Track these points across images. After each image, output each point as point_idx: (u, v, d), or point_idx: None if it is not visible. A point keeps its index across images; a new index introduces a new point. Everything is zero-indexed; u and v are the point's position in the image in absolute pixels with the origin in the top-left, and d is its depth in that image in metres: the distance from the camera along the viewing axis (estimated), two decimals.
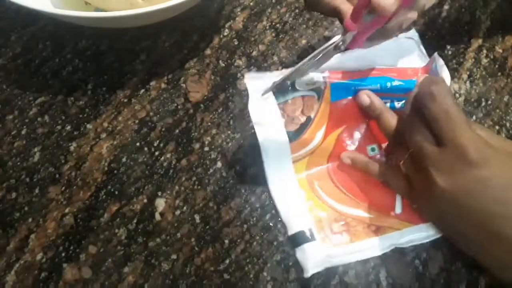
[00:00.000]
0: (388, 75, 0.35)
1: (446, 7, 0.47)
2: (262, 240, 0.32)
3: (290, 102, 0.34)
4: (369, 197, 0.33)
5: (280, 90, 0.34)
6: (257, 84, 0.33)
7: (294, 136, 0.34)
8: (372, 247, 0.31)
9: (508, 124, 0.38)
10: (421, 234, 0.31)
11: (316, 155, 0.34)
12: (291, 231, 0.32)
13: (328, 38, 0.44)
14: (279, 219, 0.33)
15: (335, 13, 0.31)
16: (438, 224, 0.30)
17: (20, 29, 0.43)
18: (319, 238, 0.31)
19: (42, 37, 0.42)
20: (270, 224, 0.33)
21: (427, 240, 0.31)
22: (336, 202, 0.33)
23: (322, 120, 0.34)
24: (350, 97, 0.34)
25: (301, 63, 0.30)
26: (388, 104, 0.34)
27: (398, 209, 0.32)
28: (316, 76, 0.34)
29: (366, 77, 0.34)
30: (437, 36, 0.44)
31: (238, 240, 0.32)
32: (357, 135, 0.35)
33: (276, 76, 0.34)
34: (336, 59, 0.33)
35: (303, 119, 0.34)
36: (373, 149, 0.35)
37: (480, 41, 0.44)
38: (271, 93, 0.34)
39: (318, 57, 0.31)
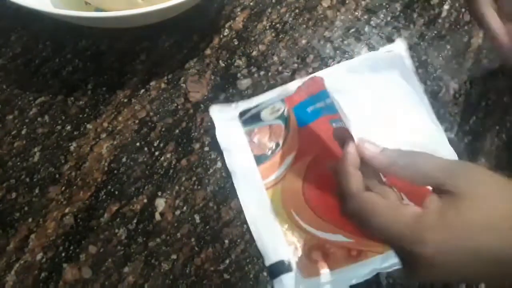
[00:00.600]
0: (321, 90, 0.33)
1: (446, 7, 0.47)
2: None
3: (256, 130, 0.35)
4: (347, 222, 0.31)
5: (246, 120, 0.35)
6: (222, 114, 0.36)
7: (262, 159, 0.34)
8: (353, 275, 0.30)
9: (508, 124, 0.38)
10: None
11: (289, 181, 0.33)
12: (268, 261, 0.31)
13: (328, 39, 0.44)
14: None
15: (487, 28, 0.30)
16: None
17: (20, 29, 0.43)
18: (296, 268, 0.30)
19: (42, 37, 0.42)
20: None
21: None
22: (314, 228, 0.32)
23: (291, 147, 0.34)
24: (316, 120, 0.34)
25: None
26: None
27: None
28: (277, 104, 0.36)
29: (311, 95, 0.33)
30: (437, 36, 0.44)
31: (238, 240, 0.32)
32: (326, 160, 0.33)
33: (240, 106, 0.36)
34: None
35: (270, 144, 0.35)
36: None
37: (480, 41, 0.44)
38: (238, 121, 0.36)
39: None
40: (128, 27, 0.41)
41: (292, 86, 0.37)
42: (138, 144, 0.36)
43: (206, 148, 0.36)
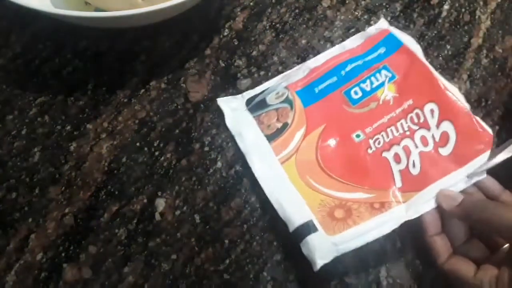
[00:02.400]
0: (340, 62, 0.37)
1: (446, 7, 0.47)
2: (262, 240, 0.32)
3: (264, 114, 0.36)
4: (365, 179, 0.32)
5: (253, 107, 0.37)
6: (229, 104, 0.38)
7: (272, 137, 0.35)
8: (379, 226, 0.30)
9: (508, 124, 0.38)
10: (427, 202, 0.30)
11: (302, 152, 0.34)
12: (292, 227, 0.30)
13: (328, 39, 0.44)
14: (279, 218, 0.33)
15: None
16: None
17: (20, 29, 0.43)
18: (321, 228, 0.30)
19: (42, 37, 0.42)
20: (270, 224, 0.33)
21: (434, 207, 0.30)
22: (333, 190, 0.32)
23: (300, 124, 0.35)
24: (320, 100, 0.36)
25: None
26: (358, 91, 0.36)
27: (398, 183, 0.32)
28: (280, 89, 0.37)
29: (322, 75, 0.37)
30: (437, 36, 0.44)
31: (238, 240, 0.32)
32: (339, 128, 0.35)
33: (246, 96, 0.38)
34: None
35: (279, 125, 0.35)
36: (357, 136, 0.34)
37: (480, 41, 0.44)
38: (245, 109, 0.37)
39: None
40: (128, 27, 0.41)
41: (293, 73, 0.38)
42: (138, 144, 0.36)
43: (206, 148, 0.36)
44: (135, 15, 0.33)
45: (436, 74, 0.36)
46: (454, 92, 0.34)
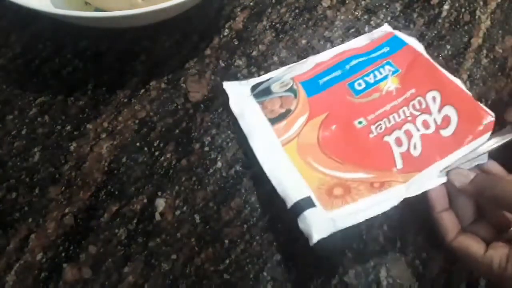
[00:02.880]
0: (344, 58, 0.38)
1: (446, 7, 0.47)
2: (262, 240, 0.32)
3: (268, 101, 0.37)
4: (366, 161, 0.32)
5: (258, 93, 0.37)
6: (235, 88, 0.38)
7: (275, 120, 0.35)
8: (378, 203, 0.29)
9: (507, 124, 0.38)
10: (428, 181, 0.30)
11: (304, 136, 0.34)
12: (290, 202, 0.30)
13: (328, 39, 0.44)
14: (279, 218, 0.33)
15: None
16: None
17: (20, 29, 0.43)
18: (319, 203, 0.30)
19: (42, 37, 0.42)
20: (270, 224, 0.33)
21: (435, 185, 0.30)
22: (333, 170, 0.32)
23: (302, 111, 0.35)
24: (324, 91, 0.36)
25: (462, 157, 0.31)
26: (361, 83, 0.37)
27: (399, 164, 0.32)
28: (285, 79, 0.38)
29: (326, 68, 0.38)
30: (437, 36, 0.44)
31: (238, 240, 0.32)
32: (342, 115, 0.35)
33: (251, 82, 0.39)
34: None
35: (282, 110, 0.36)
36: (360, 122, 0.34)
37: (480, 41, 0.44)
38: (250, 94, 0.38)
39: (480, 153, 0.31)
40: (128, 27, 0.41)
41: (298, 66, 0.39)
42: (138, 144, 0.36)
43: (206, 148, 0.36)
44: (135, 15, 0.33)
45: (439, 67, 0.36)
46: (457, 82, 0.35)
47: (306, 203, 0.30)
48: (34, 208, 0.33)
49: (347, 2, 0.47)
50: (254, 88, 0.38)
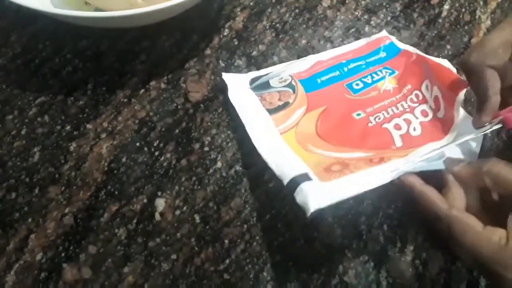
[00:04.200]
0: (342, 60, 0.39)
1: (446, 7, 0.47)
2: (262, 240, 0.32)
3: (266, 94, 0.37)
4: (365, 142, 0.32)
5: (256, 86, 0.38)
6: (234, 79, 0.38)
7: (273, 111, 0.35)
8: (376, 174, 0.28)
9: None
10: (427, 154, 0.30)
11: (302, 126, 0.34)
12: (287, 179, 0.29)
13: (328, 39, 0.44)
14: (279, 218, 0.33)
15: (482, 97, 0.28)
16: None
17: (20, 29, 0.43)
18: (317, 178, 0.29)
19: (42, 37, 0.42)
20: (270, 224, 0.33)
21: (435, 165, 0.29)
22: (332, 151, 0.32)
23: (301, 104, 0.36)
24: (322, 88, 0.37)
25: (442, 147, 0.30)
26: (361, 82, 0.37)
27: (398, 143, 0.32)
28: (284, 76, 0.38)
29: (325, 68, 0.38)
30: (437, 36, 0.44)
31: (238, 240, 0.32)
32: (340, 109, 0.35)
33: (250, 75, 0.39)
34: None
35: (280, 103, 0.36)
36: (358, 114, 0.35)
37: None
38: (249, 87, 0.38)
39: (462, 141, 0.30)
40: (128, 27, 0.41)
41: (298, 64, 0.40)
42: (138, 144, 0.36)
43: (206, 148, 0.36)
44: (135, 15, 0.34)
45: (427, 56, 0.37)
46: (442, 63, 0.36)
47: (303, 178, 0.28)
48: (34, 208, 0.33)
49: (347, 2, 0.47)
50: (253, 81, 0.38)
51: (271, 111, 0.35)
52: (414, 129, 0.32)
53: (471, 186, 0.27)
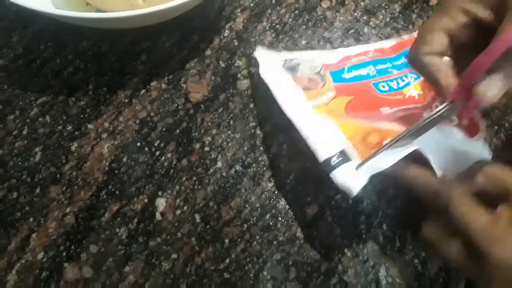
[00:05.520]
0: (370, 59, 0.39)
1: None
2: (262, 240, 0.32)
3: (296, 76, 0.37)
4: (396, 119, 0.32)
5: (288, 67, 0.37)
6: (267, 56, 0.38)
7: (305, 88, 0.35)
8: (410, 137, 0.28)
9: (507, 125, 0.38)
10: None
11: (332, 106, 0.34)
12: (321, 158, 0.29)
13: (327, 39, 0.44)
14: (279, 218, 0.33)
15: (432, 80, 0.27)
16: None
17: (21, 30, 0.43)
18: (356, 156, 0.29)
19: (43, 38, 0.42)
20: (270, 223, 0.33)
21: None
22: (368, 120, 0.32)
23: (329, 90, 0.36)
24: (350, 82, 0.37)
25: (405, 133, 0.29)
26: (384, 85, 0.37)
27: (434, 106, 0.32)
28: (315, 63, 0.38)
29: (353, 64, 0.38)
30: None
31: (238, 240, 0.32)
32: (367, 102, 0.35)
33: (283, 55, 0.39)
34: None
35: (309, 86, 0.36)
36: (385, 110, 0.35)
37: None
38: (281, 65, 0.38)
39: (420, 126, 0.29)
40: (128, 28, 0.42)
41: (326, 55, 0.40)
42: (138, 144, 0.37)
43: (207, 148, 0.37)
44: (135, 16, 0.34)
45: None
46: None
47: (340, 159, 0.28)
48: (35, 208, 0.33)
49: (346, 3, 0.47)
50: (285, 62, 0.38)
51: (304, 88, 0.35)
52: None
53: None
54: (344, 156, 0.29)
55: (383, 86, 0.37)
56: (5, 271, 0.30)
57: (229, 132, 0.37)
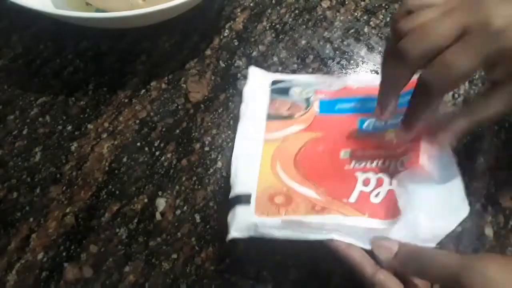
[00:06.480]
0: (369, 95, 0.35)
1: None
2: (262, 240, 0.32)
3: (279, 100, 0.36)
4: (326, 184, 0.31)
5: (275, 89, 0.37)
6: (258, 75, 0.38)
7: (273, 117, 0.35)
8: (309, 226, 0.28)
9: (507, 124, 0.38)
10: (368, 225, 0.28)
11: (287, 143, 0.34)
12: (232, 194, 0.31)
13: (327, 39, 0.44)
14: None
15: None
16: None
17: (21, 30, 0.43)
18: (254, 204, 0.30)
19: (43, 38, 0.42)
20: None
21: (367, 236, 0.27)
22: (287, 177, 0.32)
23: (303, 122, 0.35)
24: (335, 114, 0.36)
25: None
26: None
27: (352, 199, 0.30)
28: (308, 90, 0.37)
29: (349, 96, 0.37)
30: None
31: (238, 240, 0.32)
32: (334, 140, 0.34)
33: (275, 76, 0.38)
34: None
35: (286, 113, 0.36)
36: (346, 153, 0.33)
37: None
38: (268, 87, 0.38)
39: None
40: (128, 27, 0.42)
41: (328, 81, 0.39)
42: (138, 144, 0.37)
43: (207, 148, 0.37)
44: (135, 15, 0.34)
45: None
46: None
47: (242, 199, 0.30)
48: (35, 208, 0.33)
49: (346, 2, 0.47)
50: (274, 83, 0.38)
51: (270, 117, 0.35)
52: (377, 195, 0.30)
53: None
54: (246, 199, 0.30)
55: (368, 125, 0.34)
56: (5, 271, 0.30)
57: (229, 132, 0.37)
